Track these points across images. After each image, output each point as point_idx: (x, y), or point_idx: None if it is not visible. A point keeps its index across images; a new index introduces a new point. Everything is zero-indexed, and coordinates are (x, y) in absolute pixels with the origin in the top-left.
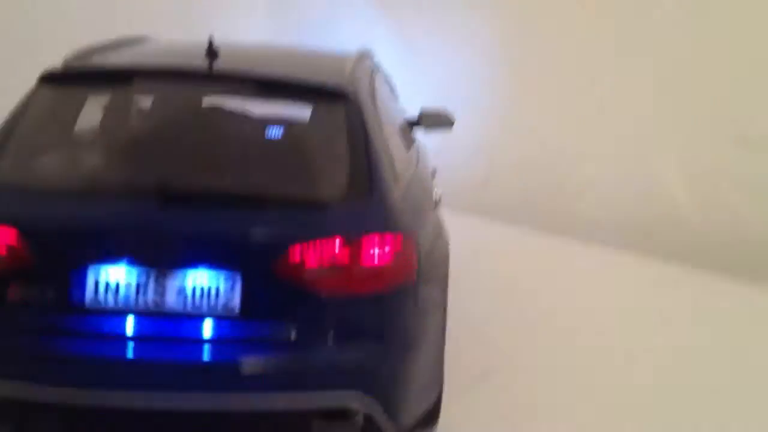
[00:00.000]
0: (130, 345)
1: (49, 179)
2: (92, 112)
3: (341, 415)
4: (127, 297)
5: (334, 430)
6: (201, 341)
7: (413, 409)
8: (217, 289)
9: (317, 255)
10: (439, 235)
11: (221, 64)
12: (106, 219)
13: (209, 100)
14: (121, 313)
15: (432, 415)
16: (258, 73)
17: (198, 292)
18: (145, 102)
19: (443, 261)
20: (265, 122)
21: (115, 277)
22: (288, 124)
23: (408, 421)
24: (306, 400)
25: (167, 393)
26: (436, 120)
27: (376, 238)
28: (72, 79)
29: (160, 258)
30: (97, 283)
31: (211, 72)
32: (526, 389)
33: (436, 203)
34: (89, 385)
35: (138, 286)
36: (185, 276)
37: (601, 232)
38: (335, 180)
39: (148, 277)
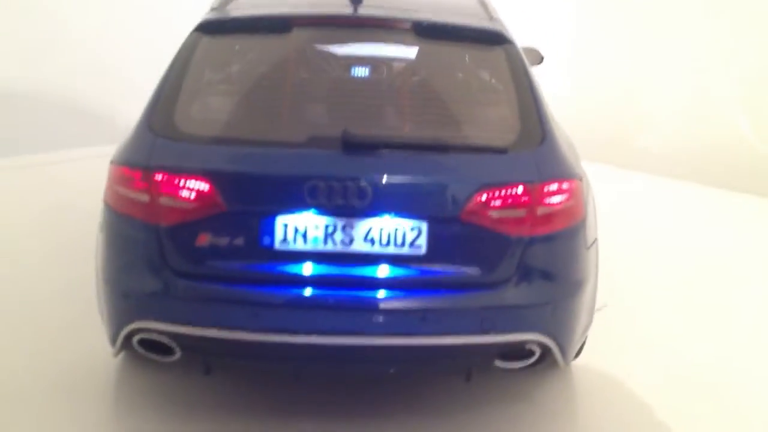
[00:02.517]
0: (318, 287)
1: (232, 130)
2: (246, 60)
3: (522, 353)
4: (314, 242)
5: (514, 364)
6: (387, 283)
7: (578, 343)
8: (404, 234)
9: (502, 200)
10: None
11: (369, 10)
12: (293, 168)
13: (368, 48)
14: (309, 257)
15: (581, 347)
16: (422, 18)
17: (385, 238)
18: (302, 50)
19: (592, 199)
20: (428, 69)
21: (304, 223)
22: (451, 71)
23: (573, 354)
24: (490, 340)
25: (354, 334)
26: (527, 56)
27: (556, 184)
28: (229, 28)
29: (349, 205)
30: (286, 230)
31: (374, 18)
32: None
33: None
34: (278, 326)
35: (326, 232)
36: (373, 223)
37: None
38: (510, 127)
39: (335, 224)
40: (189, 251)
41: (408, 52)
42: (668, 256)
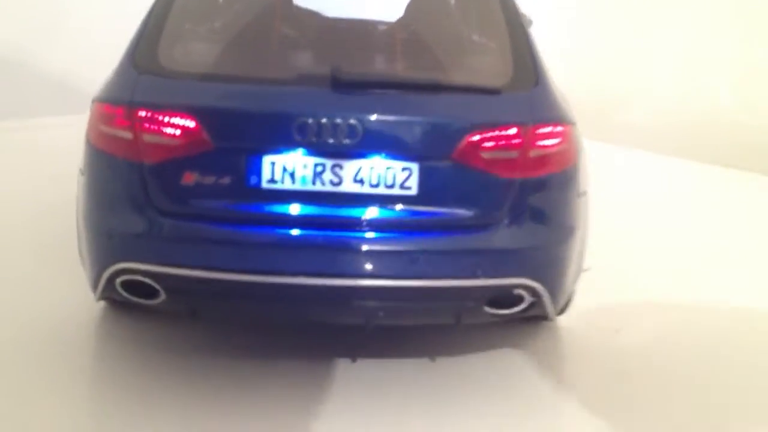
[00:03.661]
0: (305, 228)
1: (220, 67)
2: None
3: (511, 300)
4: (302, 182)
5: (504, 311)
6: (377, 224)
7: (568, 291)
8: (395, 175)
9: (494, 141)
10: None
11: None
12: (281, 105)
13: None
14: (295, 197)
15: (569, 300)
16: None
17: (375, 179)
18: None
19: (584, 150)
20: (422, 10)
21: (292, 163)
22: (445, 13)
23: (563, 302)
24: (480, 283)
25: (342, 276)
26: None
27: (549, 127)
28: None
29: (338, 145)
30: (274, 169)
31: None
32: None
33: None
34: (265, 267)
35: (314, 172)
36: (363, 163)
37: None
38: (503, 69)
39: (324, 164)
40: (174, 190)
41: None
42: (655, 226)
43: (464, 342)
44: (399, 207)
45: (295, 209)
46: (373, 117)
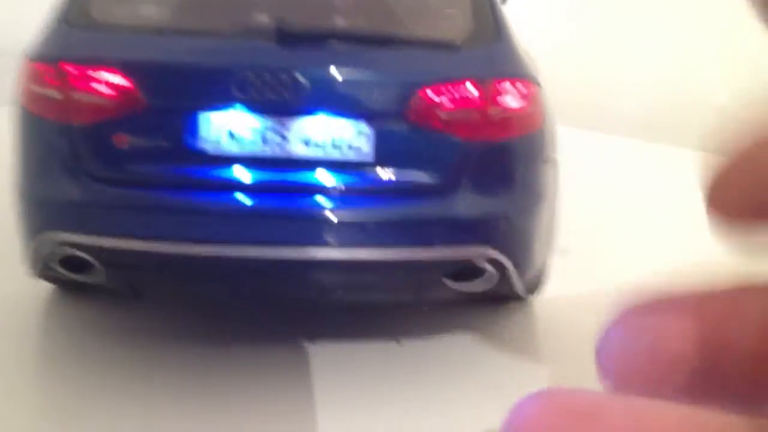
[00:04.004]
0: (252, 194)
1: (154, 19)
2: None
3: (473, 272)
4: (246, 143)
5: (467, 285)
6: (327, 190)
7: (537, 266)
8: (346, 135)
9: (451, 98)
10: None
11: None
12: (222, 59)
13: None
14: (241, 161)
15: (536, 284)
16: None
17: (325, 139)
18: None
19: (551, 117)
20: None
21: (234, 123)
22: None
23: (531, 276)
24: (439, 253)
25: (290, 245)
26: None
27: (510, 83)
28: None
29: (285, 103)
30: (215, 130)
31: None
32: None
33: None
34: (207, 236)
35: (259, 133)
36: (312, 123)
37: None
38: (462, 23)
39: (270, 124)
40: (107, 154)
41: None
42: (636, 210)
43: (432, 324)
44: (351, 171)
45: (238, 174)
46: (322, 72)
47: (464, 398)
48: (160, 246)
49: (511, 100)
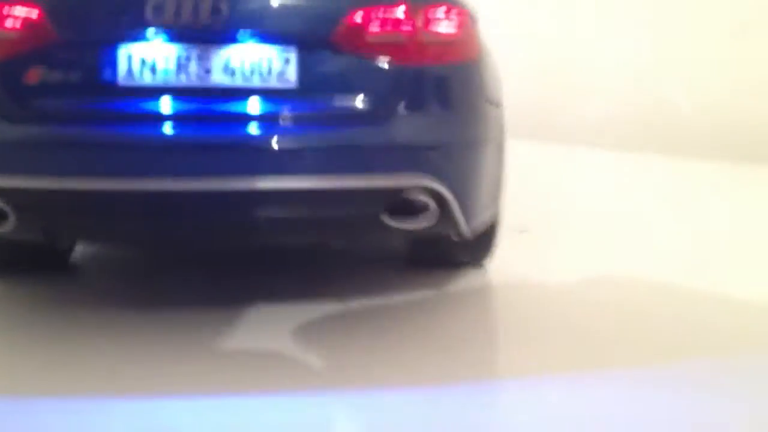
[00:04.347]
0: (172, 125)
1: None
2: None
3: (413, 207)
4: (166, 73)
5: (407, 222)
6: (251, 118)
7: (479, 215)
8: (270, 62)
9: (380, 22)
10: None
11: None
12: None
13: None
14: (160, 92)
15: (488, 245)
16: None
17: (248, 66)
18: None
19: (497, 73)
20: None
21: (152, 53)
22: None
23: (475, 226)
24: (373, 181)
25: (214, 176)
26: None
27: (443, 9)
28: None
29: (204, 29)
30: (131, 60)
31: None
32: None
33: None
34: (126, 171)
35: (178, 63)
36: (233, 50)
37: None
38: None
39: (189, 53)
40: (16, 89)
41: None
42: (598, 212)
43: (377, 284)
44: (277, 99)
45: (156, 105)
46: None
47: (415, 357)
48: (76, 182)
49: (443, 25)
